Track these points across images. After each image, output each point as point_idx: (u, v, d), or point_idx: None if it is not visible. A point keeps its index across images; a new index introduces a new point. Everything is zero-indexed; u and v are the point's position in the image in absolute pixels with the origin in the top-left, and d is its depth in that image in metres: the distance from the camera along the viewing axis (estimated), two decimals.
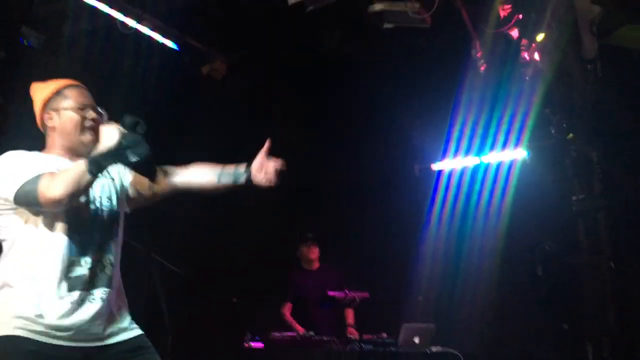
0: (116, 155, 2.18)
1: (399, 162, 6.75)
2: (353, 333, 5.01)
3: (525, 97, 5.31)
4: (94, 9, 4.71)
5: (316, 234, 5.59)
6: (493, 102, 5.78)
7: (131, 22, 4.91)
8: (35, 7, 4.83)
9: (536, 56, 5.00)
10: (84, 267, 2.26)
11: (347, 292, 4.77)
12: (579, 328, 5.23)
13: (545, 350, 5.61)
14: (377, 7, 4.16)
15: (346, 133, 6.54)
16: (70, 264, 2.24)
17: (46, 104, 2.41)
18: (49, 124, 2.40)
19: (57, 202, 2.17)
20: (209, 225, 6.24)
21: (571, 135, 5.36)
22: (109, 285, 2.32)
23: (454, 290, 6.33)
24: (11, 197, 2.21)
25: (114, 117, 2.34)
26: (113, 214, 2.43)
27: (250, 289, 6.10)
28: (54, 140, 2.41)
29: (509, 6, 4.77)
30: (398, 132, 6.52)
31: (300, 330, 4.91)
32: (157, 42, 5.21)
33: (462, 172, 6.63)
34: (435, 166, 6.77)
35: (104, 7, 4.74)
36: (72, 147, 2.39)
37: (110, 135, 2.21)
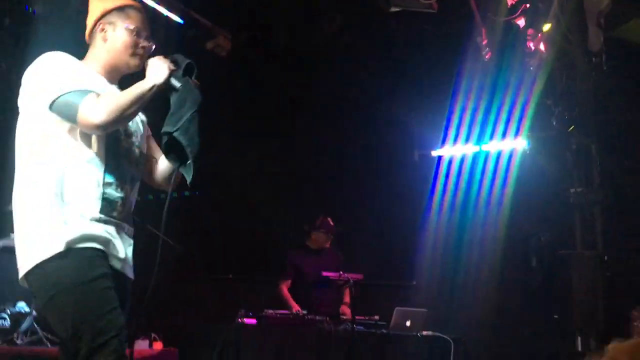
0: (163, 93, 2.12)
1: (399, 148, 6.76)
2: (345, 311, 5.05)
3: (528, 87, 5.30)
4: None
5: (339, 230, 5.51)
6: (497, 91, 5.77)
7: None
8: None
9: (541, 46, 4.99)
10: (118, 195, 2.20)
11: (342, 273, 4.80)
12: (569, 319, 5.28)
13: (537, 339, 5.67)
14: None
15: (346, 118, 6.53)
16: (106, 186, 2.16)
17: (104, 15, 2.31)
18: (101, 35, 2.30)
19: (95, 127, 2.09)
20: (207, 203, 6.27)
21: (572, 127, 5.36)
22: (131, 224, 2.29)
23: (452, 277, 6.37)
24: (49, 101, 2.12)
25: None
26: (143, 155, 2.36)
27: (248, 267, 6.15)
28: (99, 53, 2.31)
29: None
30: (398, 117, 6.52)
31: (295, 307, 4.94)
32: (162, 14, 5.18)
33: (462, 160, 6.64)
34: (435, 152, 6.77)
35: None
36: (114, 67, 2.31)
37: (158, 70, 2.17)
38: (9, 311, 4.35)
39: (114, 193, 2.18)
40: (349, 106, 6.46)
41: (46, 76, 2.16)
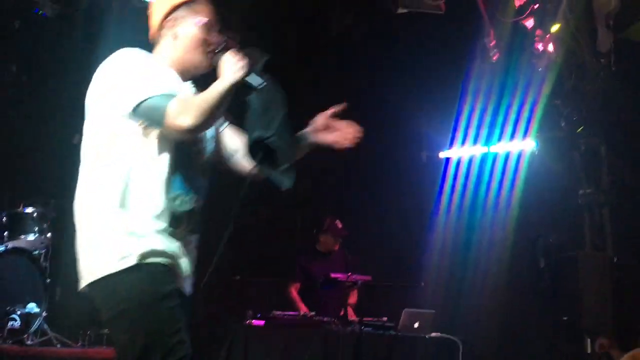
0: (241, 93, 2.02)
1: (407, 149, 6.75)
2: (351, 314, 5.05)
3: (536, 88, 5.29)
4: None
5: (347, 232, 5.50)
6: (505, 92, 5.76)
7: None
8: None
9: (550, 47, 4.97)
10: (185, 206, 2.07)
11: (350, 274, 4.80)
12: (578, 321, 5.25)
13: (545, 341, 5.65)
14: None
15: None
16: (172, 198, 2.04)
17: (173, 10, 2.18)
18: (170, 32, 2.17)
19: (184, 131, 1.97)
20: (216, 205, 6.27)
21: (581, 128, 5.34)
22: (198, 232, 2.18)
23: (460, 278, 6.36)
24: (132, 104, 1.99)
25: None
26: (211, 158, 2.23)
27: (256, 269, 6.16)
28: (169, 51, 2.17)
29: None
30: (405, 118, 6.51)
31: (303, 309, 4.95)
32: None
33: (470, 161, 6.62)
34: (443, 154, 6.76)
35: None
36: (184, 65, 2.18)
37: (235, 66, 2.05)
38: (19, 312, 4.38)
39: (181, 205, 2.07)
40: (356, 107, 6.45)
41: (126, 76, 2.03)
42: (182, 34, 2.17)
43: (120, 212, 2.00)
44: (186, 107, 1.97)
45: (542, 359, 5.60)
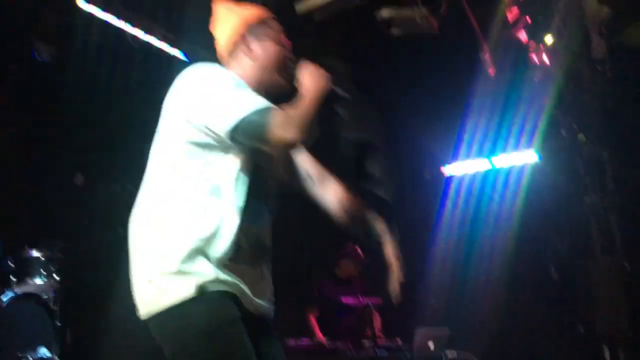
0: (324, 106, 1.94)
1: (410, 166, 6.76)
2: (379, 336, 4.97)
3: (535, 100, 5.30)
4: (104, 22, 4.76)
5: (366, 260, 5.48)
6: (503, 105, 5.77)
7: (141, 35, 4.96)
8: (45, 21, 4.88)
9: (545, 58, 5.00)
10: (249, 237, 1.96)
11: (360, 298, 4.77)
12: (593, 329, 5.20)
13: (560, 352, 5.59)
14: (385, 13, 4.18)
15: None
16: (244, 229, 1.93)
17: (248, 28, 2.10)
18: (245, 50, 2.09)
19: (288, 144, 1.89)
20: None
21: (582, 135, 5.34)
22: (267, 260, 2.08)
23: (465, 294, 6.32)
24: (229, 126, 1.86)
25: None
26: (285, 186, 2.17)
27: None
28: (243, 69, 2.07)
29: (516, 9, 4.78)
30: (408, 136, 6.53)
31: (318, 336, 4.91)
32: (167, 53, 5.25)
33: (474, 175, 6.62)
34: (446, 170, 6.76)
35: (113, 20, 4.79)
36: (261, 84, 2.06)
37: (318, 76, 1.99)
38: (30, 358, 4.33)
39: (248, 238, 1.96)
40: None
41: (217, 91, 1.92)
42: (260, 53, 2.09)
43: (185, 237, 1.89)
44: (289, 119, 1.88)
45: None
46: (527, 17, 4.82)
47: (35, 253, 4.78)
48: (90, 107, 5.57)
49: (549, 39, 4.84)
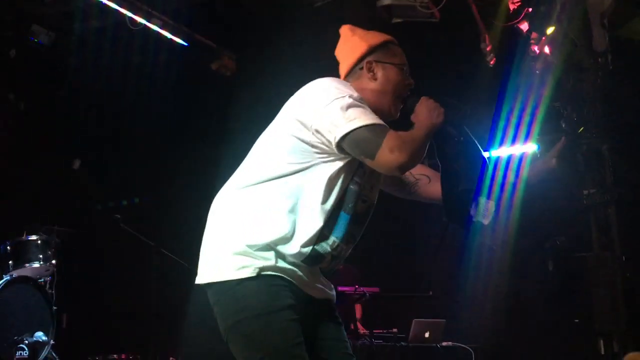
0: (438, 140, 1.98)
1: None
2: (360, 328, 5.02)
3: (535, 91, 5.28)
4: (103, 6, 4.73)
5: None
6: (503, 96, 5.75)
7: (140, 19, 4.93)
8: (44, 5, 4.86)
9: (546, 49, 4.97)
10: (328, 250, 1.98)
11: (357, 287, 4.77)
12: (590, 322, 5.21)
13: (559, 345, 5.60)
14: (386, 1, 4.15)
15: None
16: (320, 239, 1.95)
17: (372, 51, 2.10)
18: (368, 74, 2.09)
19: (395, 168, 1.89)
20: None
21: (582, 129, 5.33)
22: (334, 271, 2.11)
23: (467, 285, 6.32)
24: (340, 134, 1.88)
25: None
26: (374, 204, 2.12)
27: None
28: (363, 91, 2.05)
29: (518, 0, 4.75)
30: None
31: None
32: (166, 38, 5.22)
33: None
34: None
35: (113, 5, 4.76)
36: (376, 105, 2.05)
37: (434, 111, 2.02)
38: (27, 341, 4.35)
39: (325, 247, 1.98)
40: None
41: (344, 105, 1.91)
42: (382, 77, 2.09)
43: (265, 231, 1.93)
44: (403, 142, 1.90)
45: None
46: (529, 8, 4.79)
47: (33, 237, 4.79)
48: (89, 92, 5.56)
49: (550, 30, 4.81)
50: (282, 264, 1.94)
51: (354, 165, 1.99)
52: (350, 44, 2.16)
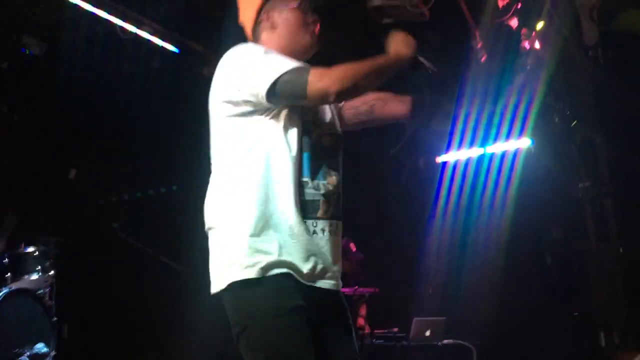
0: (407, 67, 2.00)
1: (404, 156, 6.74)
2: (363, 325, 5.02)
3: (528, 86, 5.29)
4: (93, 15, 4.73)
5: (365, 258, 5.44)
6: (495, 92, 5.76)
7: (130, 27, 4.93)
8: (35, 16, 4.86)
9: (537, 45, 4.98)
10: (317, 192, 2.01)
11: (357, 288, 4.77)
12: (590, 315, 5.22)
13: (558, 338, 5.61)
14: (376, 2, 4.15)
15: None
16: (300, 186, 1.97)
17: (264, 3, 2.17)
18: (267, 24, 2.15)
19: (328, 95, 1.91)
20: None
21: (575, 122, 5.35)
22: (339, 218, 2.09)
23: (461, 282, 6.33)
24: (265, 89, 1.91)
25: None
26: (340, 135, 2.18)
27: None
28: (270, 41, 2.13)
29: None
30: (401, 125, 6.51)
31: None
32: (157, 45, 5.22)
33: (467, 163, 6.62)
34: (440, 158, 6.76)
35: (102, 14, 4.75)
36: (291, 51, 2.10)
37: (405, 43, 2.04)
38: (27, 353, 4.34)
39: (312, 192, 2.01)
40: None
41: (251, 62, 1.98)
42: (280, 22, 2.15)
43: (253, 212, 1.94)
44: (331, 71, 1.93)
45: (555, 355, 5.56)
46: (518, 4, 4.80)
47: (30, 249, 4.78)
48: (82, 102, 5.55)
49: (540, 25, 4.82)
50: (286, 256, 1.93)
51: (296, 108, 2.02)
52: (246, 3, 2.22)
